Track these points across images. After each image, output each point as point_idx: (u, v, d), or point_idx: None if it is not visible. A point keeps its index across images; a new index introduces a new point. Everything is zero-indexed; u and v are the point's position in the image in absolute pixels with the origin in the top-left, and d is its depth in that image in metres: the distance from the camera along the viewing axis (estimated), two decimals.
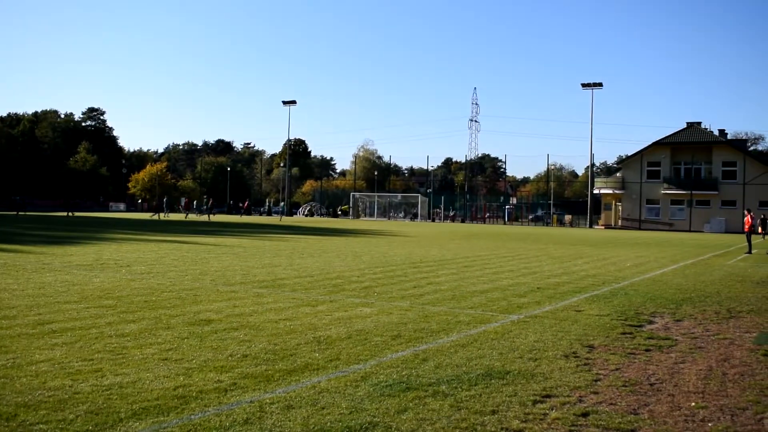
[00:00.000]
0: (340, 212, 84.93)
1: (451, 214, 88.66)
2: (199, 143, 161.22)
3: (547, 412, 6.07)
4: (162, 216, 65.98)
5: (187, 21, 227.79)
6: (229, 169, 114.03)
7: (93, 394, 6.22)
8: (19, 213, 68.74)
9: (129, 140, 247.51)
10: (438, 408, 6.07)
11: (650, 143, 74.18)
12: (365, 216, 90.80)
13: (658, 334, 9.97)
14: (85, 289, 13.12)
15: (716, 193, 69.68)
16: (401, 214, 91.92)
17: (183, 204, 72.20)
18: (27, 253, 20.91)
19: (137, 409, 5.83)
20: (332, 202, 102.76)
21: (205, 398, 6.21)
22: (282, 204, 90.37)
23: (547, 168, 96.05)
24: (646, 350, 8.77)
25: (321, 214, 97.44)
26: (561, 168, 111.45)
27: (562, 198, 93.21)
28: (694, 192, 69.85)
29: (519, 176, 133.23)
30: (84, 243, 26.54)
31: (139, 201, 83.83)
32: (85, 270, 16.40)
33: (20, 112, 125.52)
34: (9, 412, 5.67)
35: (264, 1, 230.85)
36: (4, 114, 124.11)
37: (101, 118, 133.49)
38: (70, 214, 67.61)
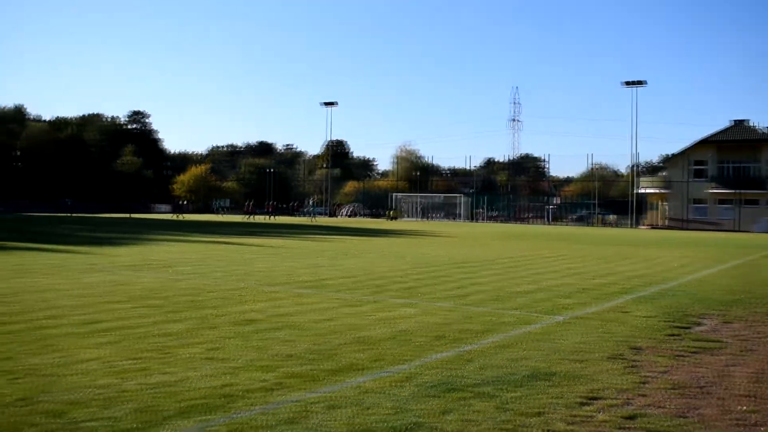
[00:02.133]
0: (390, 218, 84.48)
1: (493, 214, 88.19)
2: (241, 145, 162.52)
3: (594, 414, 5.99)
4: (252, 218, 66.56)
5: (228, 24, 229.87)
6: (271, 170, 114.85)
7: (140, 393, 6.29)
8: (71, 215, 69.96)
9: (172, 143, 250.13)
10: (482, 409, 6.03)
11: (695, 142, 72.92)
12: (407, 217, 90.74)
13: (706, 336, 9.79)
14: (131, 289, 13.30)
15: (764, 192, 68.22)
16: (443, 215, 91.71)
17: (248, 206, 72.83)
18: (75, 254, 21.29)
19: (183, 408, 5.88)
20: (374, 202, 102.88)
21: (250, 397, 6.25)
22: (311, 203, 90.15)
23: (590, 167, 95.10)
24: (695, 352, 8.61)
25: (363, 215, 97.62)
26: (604, 167, 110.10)
27: (605, 198, 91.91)
28: (741, 191, 68.46)
29: (562, 176, 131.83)
30: (130, 244, 26.94)
31: (184, 202, 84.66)
32: (132, 270, 16.63)
33: (67, 116, 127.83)
34: (58, 409, 5.76)
35: (304, 3, 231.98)
36: (52, 118, 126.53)
37: (145, 121, 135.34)
38: (130, 216, 68.63)
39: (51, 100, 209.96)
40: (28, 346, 8.05)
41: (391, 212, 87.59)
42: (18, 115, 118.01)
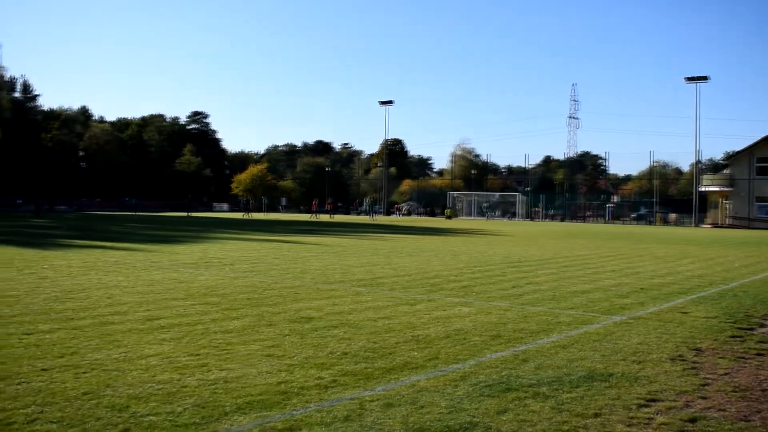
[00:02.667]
0: (447, 217, 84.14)
1: (551, 213, 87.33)
2: (299, 144, 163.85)
3: (653, 416, 5.91)
4: (317, 217, 67.23)
5: (286, 24, 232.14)
6: (327, 169, 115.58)
7: (199, 388, 6.43)
8: (135, 214, 71.46)
9: (231, 142, 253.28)
10: (539, 410, 6.00)
11: (760, 138, 70.96)
12: (462, 215, 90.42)
13: None
14: (191, 286, 13.56)
15: None
16: (499, 213, 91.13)
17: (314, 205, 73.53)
18: (137, 252, 21.77)
19: (242, 404, 5.99)
20: (430, 201, 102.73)
21: (306, 394, 6.33)
22: (370, 201, 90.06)
23: (651, 165, 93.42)
24: (758, 354, 8.42)
25: (419, 214, 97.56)
26: (665, 165, 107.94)
27: (666, 196, 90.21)
28: None
29: (621, 174, 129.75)
30: (190, 242, 27.41)
31: (246, 201, 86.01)
32: (191, 268, 16.94)
33: (128, 116, 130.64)
34: (121, 403, 5.92)
35: (362, 2, 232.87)
36: (114, 119, 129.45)
37: (205, 121, 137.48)
38: (189, 214, 69.92)
39: (113, 102, 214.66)
40: (93, 342, 8.28)
41: (448, 211, 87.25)
42: (82, 116, 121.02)
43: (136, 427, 5.34)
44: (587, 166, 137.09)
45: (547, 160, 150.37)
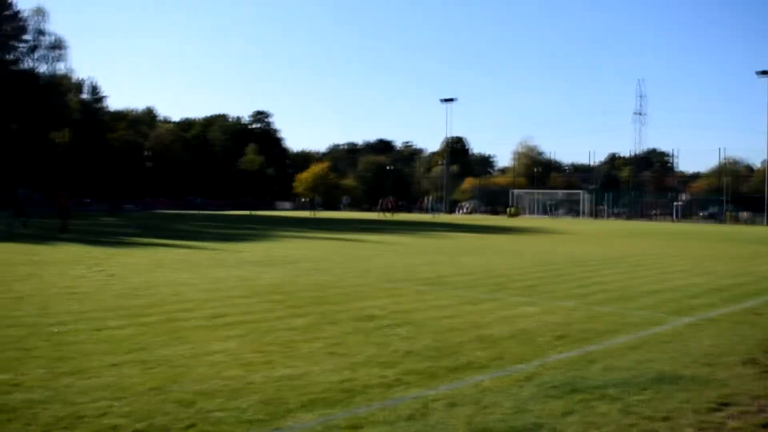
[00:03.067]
0: (510, 215, 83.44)
1: (616, 211, 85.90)
2: (361, 143, 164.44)
3: (725, 421, 5.72)
4: (385, 215, 67.51)
5: (347, 23, 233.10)
6: (389, 167, 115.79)
7: (264, 385, 6.47)
8: (200, 212, 72.66)
9: (294, 141, 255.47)
10: (606, 412, 5.88)
11: None
12: (526, 214, 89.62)
13: None
14: (255, 284, 13.70)
15: None
16: (564, 212, 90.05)
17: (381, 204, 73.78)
18: (203, 250, 22.12)
19: (305, 401, 6.01)
20: (492, 199, 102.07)
21: (369, 393, 6.32)
22: (432, 200, 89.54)
23: (721, 162, 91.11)
24: None
25: (481, 212, 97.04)
26: (736, 162, 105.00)
27: (737, 194, 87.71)
28: None
29: (689, 171, 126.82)
30: (254, 240, 27.76)
31: (312, 199, 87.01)
32: (256, 266, 17.13)
33: (192, 116, 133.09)
34: (188, 399, 6.00)
35: (424, 1, 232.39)
36: (178, 119, 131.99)
37: (267, 120, 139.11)
38: (252, 213, 70.91)
39: (177, 103, 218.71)
40: (161, 338, 8.43)
41: (511, 209, 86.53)
42: (148, 116, 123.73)
43: (203, 423, 5.40)
44: (654, 163, 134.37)
45: (613, 158, 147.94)
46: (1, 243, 23.82)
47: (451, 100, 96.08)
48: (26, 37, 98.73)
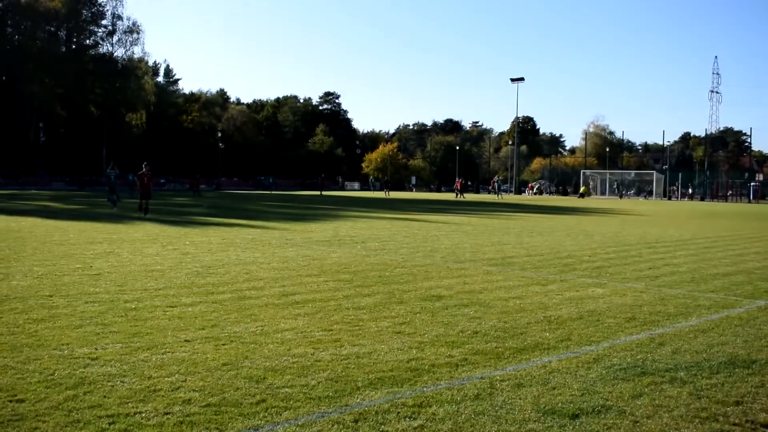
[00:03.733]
0: (580, 195, 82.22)
1: (689, 192, 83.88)
2: (429, 123, 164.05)
3: None
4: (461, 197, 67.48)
5: (416, 4, 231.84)
6: (457, 148, 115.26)
7: (332, 363, 6.59)
8: (271, 192, 73.55)
9: (362, 122, 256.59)
10: (675, 395, 5.81)
11: None
12: (596, 194, 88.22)
13: None
14: (324, 263, 13.87)
15: None
16: (634, 192, 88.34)
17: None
18: (272, 230, 22.46)
19: (373, 379, 6.10)
20: (561, 180, 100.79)
21: (436, 372, 6.37)
22: (498, 180, 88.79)
23: None
24: None
25: (550, 193, 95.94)
26: None
27: None
28: None
29: (766, 151, 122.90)
30: (322, 220, 28.04)
31: (387, 180, 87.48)
32: (324, 245, 17.32)
33: (264, 98, 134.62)
34: (258, 375, 6.15)
35: None
36: (250, 101, 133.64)
37: (336, 101, 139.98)
38: (321, 193, 71.55)
39: (249, 84, 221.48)
40: (232, 315, 8.63)
41: (583, 188, 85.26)
42: (221, 98, 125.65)
43: (272, 398, 5.54)
44: (729, 142, 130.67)
45: (686, 137, 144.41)
46: (83, 221, 24.61)
47: (520, 79, 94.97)
48: (104, 22, 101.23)
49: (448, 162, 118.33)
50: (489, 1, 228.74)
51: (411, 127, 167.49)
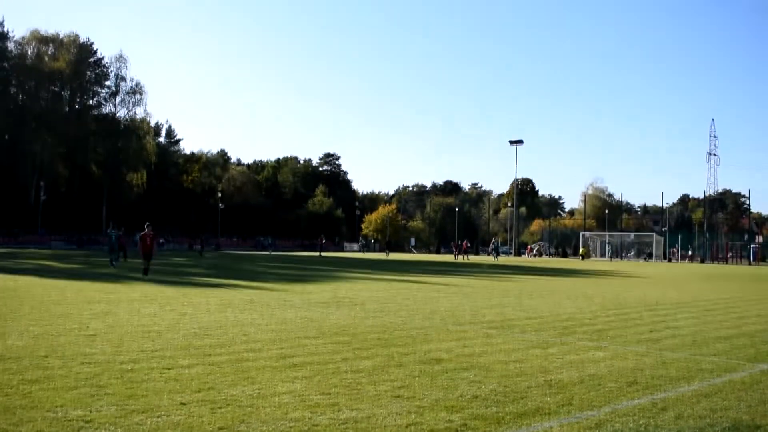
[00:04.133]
0: (581, 257, 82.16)
1: (689, 254, 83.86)
2: (428, 185, 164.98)
3: None
4: (464, 258, 67.44)
5: (415, 65, 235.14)
6: (457, 209, 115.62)
7: (330, 427, 6.48)
8: (270, 253, 73.43)
9: (362, 183, 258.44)
10: None
11: None
12: (596, 256, 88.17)
13: None
14: (322, 325, 13.77)
15: None
16: (634, 254, 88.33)
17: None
18: (271, 290, 22.37)
19: None
20: (561, 241, 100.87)
21: None
22: (493, 242, 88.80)
23: None
24: None
25: (549, 254, 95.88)
26: None
27: None
28: None
29: (765, 212, 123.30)
30: (321, 281, 27.96)
31: (389, 241, 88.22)
32: (323, 307, 17.23)
33: (264, 159, 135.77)
34: None
35: (489, 42, 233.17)
36: (251, 161, 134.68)
37: (336, 162, 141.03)
38: (321, 254, 71.57)
39: (250, 146, 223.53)
40: (229, 377, 8.52)
41: (583, 250, 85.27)
42: (221, 159, 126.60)
43: None
44: (728, 204, 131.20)
45: (685, 199, 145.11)
46: (82, 281, 24.53)
47: (519, 141, 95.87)
48: (107, 83, 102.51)
49: (448, 223, 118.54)
50: (488, 64, 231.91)
51: (410, 188, 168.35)
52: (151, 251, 27.41)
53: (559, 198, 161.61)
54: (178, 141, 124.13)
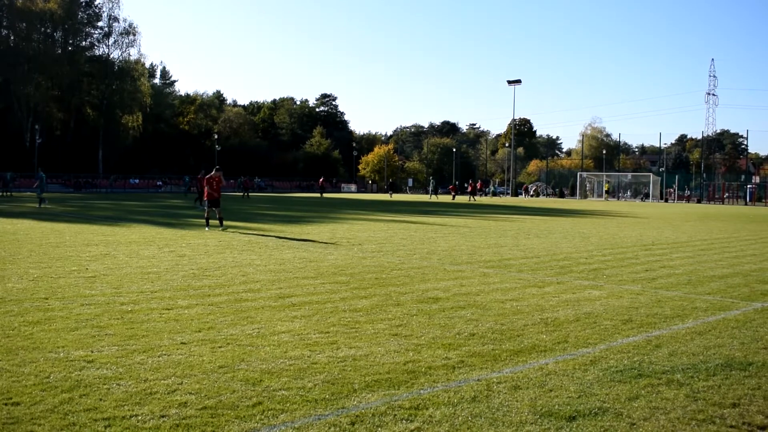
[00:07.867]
0: (605, 194, 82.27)
1: (686, 194, 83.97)
2: (426, 125, 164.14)
3: None
4: (473, 199, 67.33)
5: (413, 7, 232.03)
6: (454, 150, 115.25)
7: (329, 365, 6.57)
8: (266, 194, 73.23)
9: (359, 124, 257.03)
10: (672, 397, 5.80)
11: None
12: (593, 196, 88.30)
13: None
14: (320, 265, 13.86)
15: None
16: (631, 194, 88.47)
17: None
18: (269, 232, 22.42)
19: (370, 381, 6.09)
20: (558, 182, 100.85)
21: (433, 374, 6.36)
22: (494, 183, 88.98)
23: None
24: None
25: (547, 195, 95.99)
26: None
27: None
28: None
29: (762, 153, 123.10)
30: (319, 222, 28.01)
31: (392, 182, 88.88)
32: (321, 248, 17.30)
33: (260, 100, 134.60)
34: (255, 377, 6.14)
35: None
36: (247, 103, 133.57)
37: (333, 103, 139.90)
38: (322, 195, 71.50)
39: (246, 86, 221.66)
40: (229, 317, 8.62)
41: (606, 186, 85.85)
42: (217, 100, 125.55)
43: (269, 401, 5.52)
44: (726, 145, 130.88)
45: (683, 139, 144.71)
46: (80, 224, 24.55)
47: (517, 81, 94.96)
48: (100, 24, 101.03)
49: (445, 164, 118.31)
50: (486, 3, 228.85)
51: (408, 128, 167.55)
52: (218, 197, 23.74)
53: (557, 138, 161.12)
54: (173, 82, 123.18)
